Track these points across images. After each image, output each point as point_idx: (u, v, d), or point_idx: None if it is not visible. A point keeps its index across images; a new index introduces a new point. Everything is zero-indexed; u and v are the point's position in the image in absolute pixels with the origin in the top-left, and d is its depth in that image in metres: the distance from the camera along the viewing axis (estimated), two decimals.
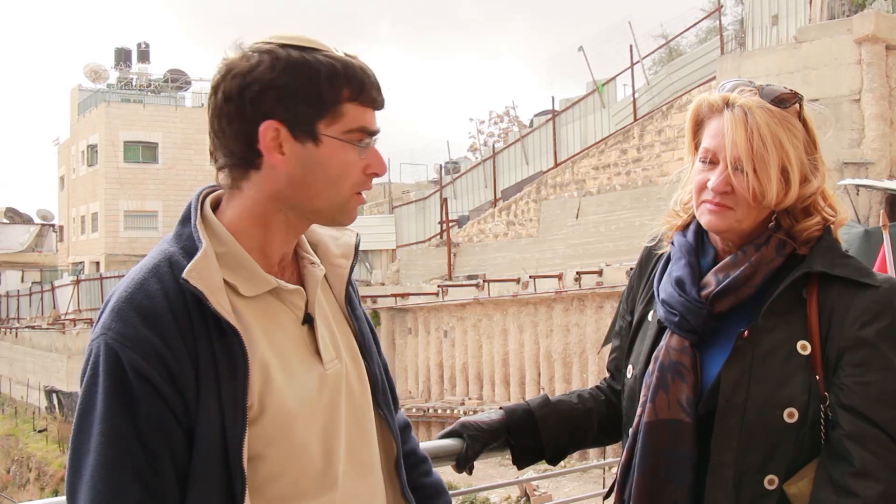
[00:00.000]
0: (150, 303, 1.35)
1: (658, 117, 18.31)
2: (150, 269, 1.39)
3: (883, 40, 13.24)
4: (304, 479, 1.45)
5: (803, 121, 1.72)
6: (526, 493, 12.31)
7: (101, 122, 40.37)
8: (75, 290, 34.25)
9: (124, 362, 1.31)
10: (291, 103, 1.38)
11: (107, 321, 1.34)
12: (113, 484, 1.30)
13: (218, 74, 1.40)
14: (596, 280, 15.55)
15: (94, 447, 1.31)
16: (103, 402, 1.31)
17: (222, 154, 1.43)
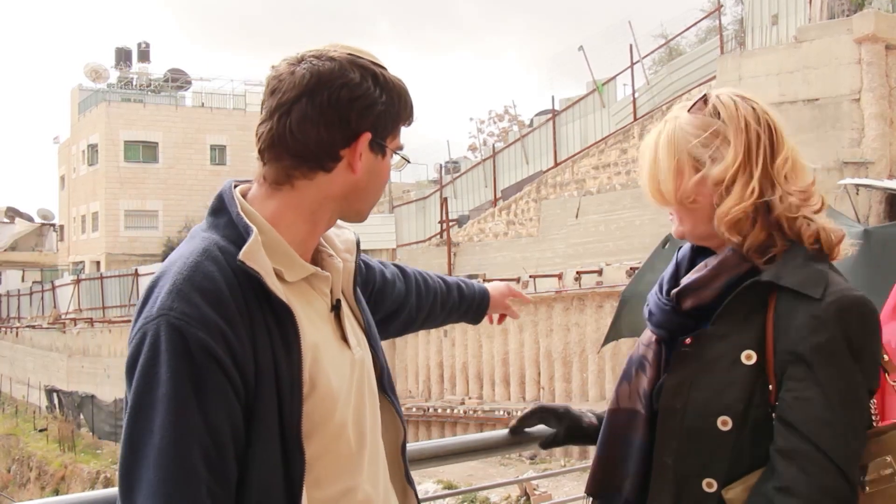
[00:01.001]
0: (210, 284, 1.38)
1: (658, 117, 18.27)
2: (202, 252, 1.42)
3: (883, 40, 13.25)
4: (340, 459, 1.51)
5: (719, 116, 1.72)
6: (526, 492, 12.32)
7: (102, 122, 40.37)
8: (76, 289, 34.26)
9: (190, 341, 1.33)
10: (383, 120, 1.51)
11: (166, 302, 1.35)
12: (182, 463, 1.30)
13: (310, 79, 1.45)
14: (596, 279, 15.56)
15: (160, 427, 1.31)
16: (169, 382, 1.32)
17: (291, 153, 1.47)
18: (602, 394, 14.92)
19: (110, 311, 31.31)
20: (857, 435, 1.56)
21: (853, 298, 1.58)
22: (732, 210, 1.68)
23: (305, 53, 1.50)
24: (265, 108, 1.51)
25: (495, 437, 2.56)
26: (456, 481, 12.55)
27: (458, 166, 29.19)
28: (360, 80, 1.47)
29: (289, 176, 1.48)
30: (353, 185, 1.51)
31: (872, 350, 1.60)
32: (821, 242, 1.65)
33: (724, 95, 1.74)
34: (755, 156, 1.69)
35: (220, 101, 43.27)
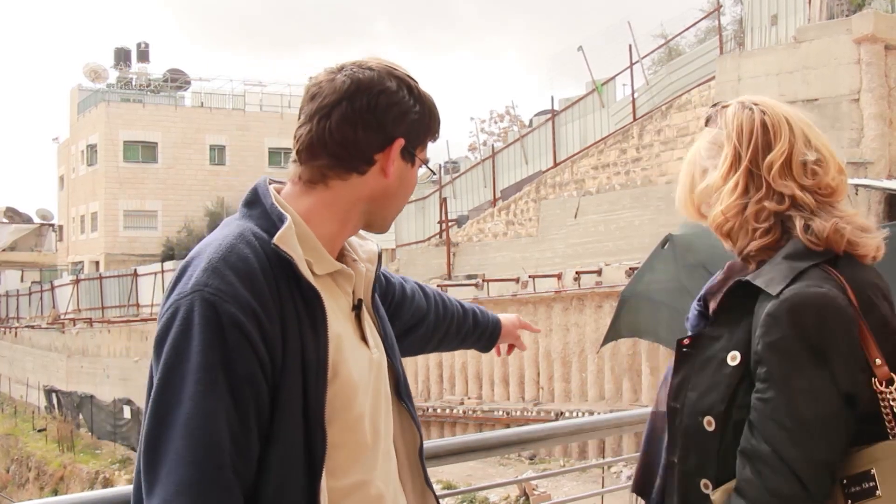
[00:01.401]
0: (244, 264, 1.43)
1: (657, 117, 18.32)
2: (236, 236, 1.48)
3: (882, 40, 13.26)
4: (356, 451, 1.56)
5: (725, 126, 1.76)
6: (525, 492, 12.32)
7: (101, 122, 40.35)
8: (75, 289, 34.26)
9: (223, 315, 1.37)
10: (416, 129, 1.60)
11: (201, 278, 1.40)
12: (210, 431, 1.33)
13: (350, 85, 1.54)
14: (595, 280, 15.56)
15: (190, 397, 1.34)
16: (200, 354, 1.36)
17: (328, 153, 1.54)
18: (601, 394, 14.92)
19: (109, 312, 31.31)
20: (819, 440, 1.52)
21: (808, 295, 1.55)
22: (716, 215, 1.71)
23: (345, 63, 1.59)
24: (304, 112, 1.57)
25: (494, 436, 2.57)
26: (455, 481, 12.54)
27: (457, 166, 29.19)
28: (396, 89, 1.57)
29: (323, 175, 1.56)
30: (383, 190, 1.59)
31: (842, 351, 1.53)
32: (818, 237, 1.61)
33: (730, 103, 1.78)
34: (743, 157, 1.70)
35: (220, 101, 43.27)
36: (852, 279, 1.58)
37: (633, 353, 14.29)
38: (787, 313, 1.54)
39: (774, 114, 1.72)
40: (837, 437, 1.53)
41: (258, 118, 42.78)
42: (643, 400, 14.01)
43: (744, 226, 1.69)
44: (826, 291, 1.55)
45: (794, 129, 1.70)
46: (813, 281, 1.56)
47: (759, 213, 1.67)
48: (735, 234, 1.71)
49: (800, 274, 1.58)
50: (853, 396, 1.54)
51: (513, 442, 2.60)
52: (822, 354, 1.52)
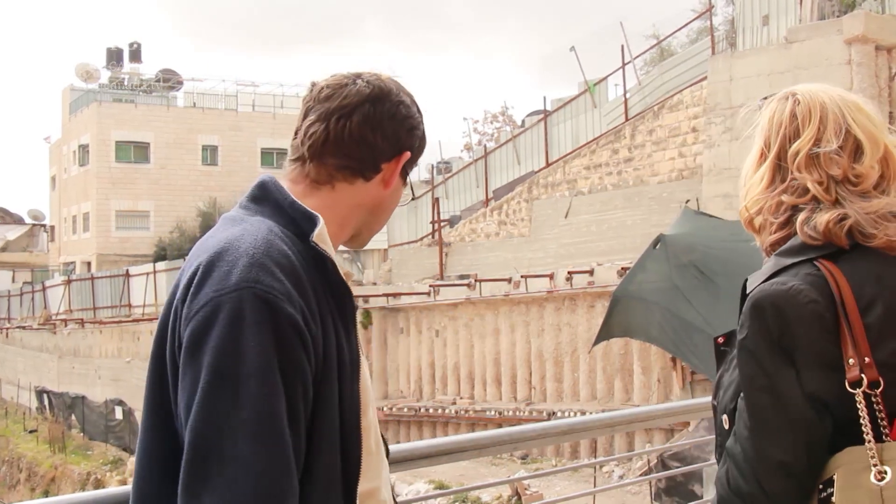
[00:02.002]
0: (287, 261, 1.39)
1: (649, 117, 18.35)
2: (268, 231, 1.43)
3: (872, 40, 13.30)
4: (367, 457, 1.52)
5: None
6: (517, 492, 12.33)
7: (93, 122, 40.25)
8: (66, 290, 34.16)
9: (279, 314, 1.32)
10: (417, 146, 1.63)
11: (248, 274, 1.33)
12: (278, 439, 1.28)
13: (373, 90, 1.56)
14: (587, 279, 15.58)
15: (253, 400, 1.27)
16: (258, 354, 1.29)
17: (343, 153, 1.55)
18: (593, 393, 14.95)
19: (101, 312, 31.23)
20: (778, 440, 1.49)
21: (768, 292, 1.51)
22: (741, 210, 1.70)
23: (359, 73, 1.59)
24: (316, 112, 1.55)
25: (486, 436, 2.57)
26: (447, 481, 12.55)
27: (449, 166, 29.20)
28: (409, 104, 1.61)
29: (331, 177, 1.55)
30: (380, 200, 1.61)
31: (803, 349, 1.48)
32: (816, 231, 1.55)
33: (776, 95, 1.73)
34: (770, 149, 1.67)
35: (212, 101, 43.18)
36: (853, 274, 1.51)
37: (624, 352, 14.31)
38: (749, 311, 1.52)
39: (809, 101, 1.65)
40: (799, 438, 1.48)
41: (250, 118, 42.72)
42: (635, 399, 14.04)
43: (766, 219, 1.65)
44: (789, 287, 1.50)
45: (826, 117, 1.62)
46: (784, 277, 1.52)
47: (777, 207, 1.63)
48: (760, 228, 1.67)
49: (783, 269, 1.54)
50: (821, 398, 1.48)
51: (505, 442, 2.61)
52: (786, 353, 1.48)
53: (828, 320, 1.48)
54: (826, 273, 1.51)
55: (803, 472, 1.49)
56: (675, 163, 17.56)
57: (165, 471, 1.36)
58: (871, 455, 1.44)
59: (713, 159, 14.54)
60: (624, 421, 3.16)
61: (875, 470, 1.43)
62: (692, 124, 17.20)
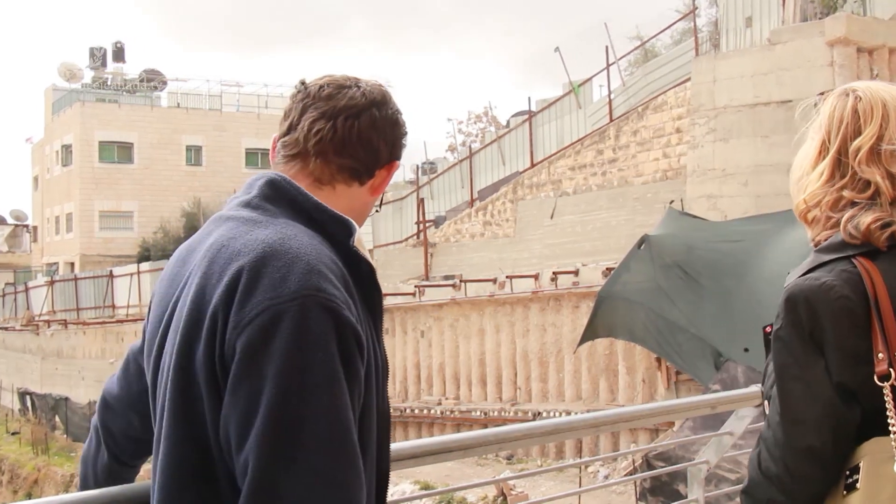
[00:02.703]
0: (337, 268, 1.39)
1: (634, 118, 18.41)
2: (311, 236, 1.40)
3: (854, 42, 13.39)
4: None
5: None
6: (503, 492, 12.35)
7: (76, 122, 40.02)
8: (49, 290, 33.97)
9: (345, 323, 1.31)
10: (400, 155, 1.62)
11: (308, 282, 1.31)
12: (352, 450, 1.28)
13: (377, 94, 1.56)
14: (572, 280, 15.61)
15: (325, 411, 1.26)
16: (327, 364, 1.28)
17: (348, 154, 1.53)
18: (578, 394, 14.98)
19: (85, 313, 31.05)
20: (806, 428, 1.56)
21: (802, 286, 1.57)
22: (798, 203, 1.71)
23: (359, 78, 1.59)
24: (317, 108, 1.53)
25: (472, 437, 2.58)
26: (433, 482, 12.55)
27: (434, 167, 29.21)
28: (399, 114, 1.61)
29: (333, 177, 1.54)
30: (365, 206, 1.60)
31: (831, 341, 1.55)
32: (857, 230, 1.60)
33: (833, 91, 1.75)
34: (831, 144, 1.68)
35: (196, 101, 43.03)
36: (889, 273, 1.56)
37: (609, 352, 14.35)
38: (784, 304, 1.59)
39: (870, 98, 1.67)
40: (826, 425, 1.55)
41: (235, 119, 42.58)
42: (620, 399, 14.08)
43: (822, 214, 1.67)
44: (822, 282, 1.56)
45: (889, 114, 1.65)
46: (819, 273, 1.58)
47: (836, 202, 1.65)
48: (814, 221, 1.70)
49: (820, 265, 1.60)
50: (849, 388, 1.55)
51: (490, 442, 2.61)
52: (817, 345, 1.55)
53: (858, 315, 1.54)
54: (862, 270, 1.57)
55: (829, 457, 1.56)
56: (660, 163, 17.62)
57: (195, 480, 1.34)
58: (895, 446, 1.51)
59: (697, 160, 14.60)
60: (608, 421, 3.17)
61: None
62: (676, 125, 17.27)
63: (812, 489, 1.58)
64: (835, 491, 1.57)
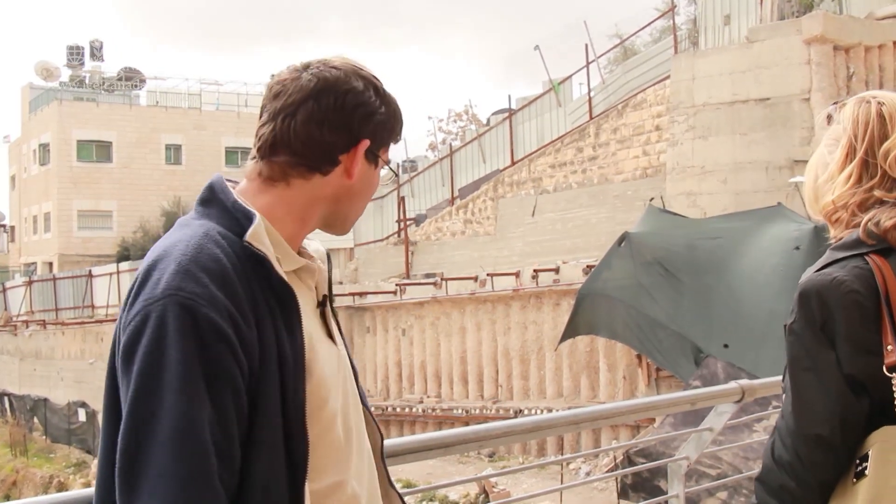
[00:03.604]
0: (217, 265, 1.38)
1: (613, 116, 18.47)
2: (203, 235, 1.43)
3: (831, 41, 13.50)
4: (331, 451, 1.53)
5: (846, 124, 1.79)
6: (484, 489, 12.37)
7: (54, 121, 39.72)
8: (28, 291, 33.72)
9: (201, 320, 1.32)
10: (381, 131, 1.59)
11: (173, 282, 1.35)
12: (195, 445, 1.29)
13: (317, 83, 1.52)
14: (553, 278, 15.65)
15: (171, 409, 1.29)
16: (179, 362, 1.31)
17: (292, 152, 1.52)
18: (559, 391, 15.02)
19: (64, 313, 30.85)
20: (817, 417, 1.62)
21: (815, 281, 1.64)
22: (826, 203, 1.76)
23: (311, 62, 1.56)
24: (267, 111, 1.54)
25: (453, 435, 2.58)
26: (415, 480, 12.54)
27: (415, 165, 29.21)
28: (363, 89, 1.55)
29: (285, 174, 1.53)
30: (346, 190, 1.57)
31: (842, 334, 1.61)
32: (878, 228, 1.66)
33: (850, 100, 1.80)
34: (858, 147, 1.73)
35: (175, 99, 42.80)
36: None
37: (590, 350, 14.40)
38: (798, 298, 1.65)
39: (893, 104, 1.75)
40: (836, 415, 1.61)
41: (214, 117, 42.38)
42: (601, 397, 14.13)
43: (848, 214, 1.73)
44: (833, 278, 1.62)
45: None
46: (832, 269, 1.65)
47: (864, 202, 1.71)
48: (837, 221, 1.75)
49: (833, 262, 1.66)
50: (859, 379, 1.60)
51: (471, 440, 2.62)
52: (828, 338, 1.61)
53: (868, 309, 1.61)
54: (874, 267, 1.63)
55: (839, 446, 1.62)
56: (639, 161, 17.70)
57: None
58: None
59: (676, 157, 14.66)
60: (589, 418, 3.18)
61: None
62: (656, 123, 17.35)
63: (822, 476, 1.64)
64: (845, 478, 1.63)
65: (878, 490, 1.56)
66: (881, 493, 1.56)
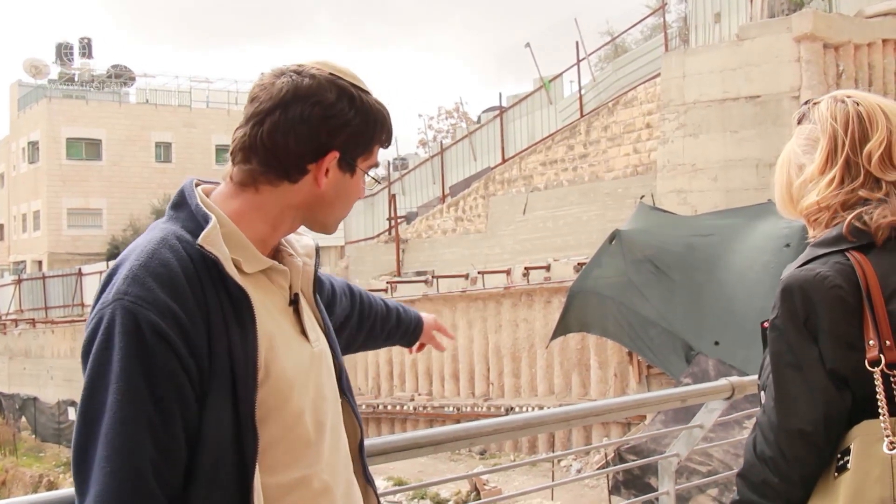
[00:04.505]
0: (165, 269, 1.42)
1: (604, 113, 18.49)
2: (159, 241, 1.46)
3: (821, 39, 13.52)
4: (297, 447, 1.55)
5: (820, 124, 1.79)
6: (476, 487, 12.37)
7: (43, 118, 39.57)
8: (17, 289, 33.59)
9: (142, 323, 1.37)
10: (354, 141, 1.57)
11: (121, 287, 1.40)
12: (128, 439, 1.34)
13: (286, 93, 1.51)
14: (544, 275, 15.67)
15: (110, 405, 1.35)
16: (119, 363, 1.36)
17: (261, 160, 1.53)
18: (550, 388, 15.04)
19: (53, 312, 30.75)
20: (799, 412, 1.63)
21: (797, 277, 1.65)
22: (810, 205, 1.76)
23: (288, 67, 1.56)
24: (244, 114, 1.56)
25: (444, 432, 2.58)
26: (406, 477, 12.55)
27: (406, 163, 29.19)
28: (335, 100, 1.53)
29: (254, 180, 1.54)
30: (317, 198, 1.57)
31: (825, 329, 1.62)
32: (867, 225, 1.67)
33: (821, 99, 1.82)
34: (840, 148, 1.73)
35: (165, 97, 42.67)
36: (881, 265, 1.64)
37: (581, 347, 14.42)
38: (780, 294, 1.66)
39: (868, 104, 1.76)
40: (819, 410, 1.62)
41: (204, 115, 42.27)
42: (592, 394, 14.15)
43: (831, 214, 1.73)
44: (815, 273, 1.64)
45: (889, 116, 1.74)
46: (814, 265, 1.66)
47: (846, 202, 1.71)
48: (817, 222, 1.76)
49: (815, 258, 1.67)
50: (841, 374, 1.62)
51: (462, 437, 2.62)
52: (811, 333, 1.62)
53: (851, 304, 1.62)
54: (855, 263, 1.64)
55: (822, 441, 1.63)
56: (630, 159, 17.71)
57: None
58: (884, 427, 1.59)
59: (667, 155, 14.68)
60: (580, 415, 3.18)
61: (887, 441, 1.58)
62: (646, 120, 17.37)
63: (804, 471, 1.65)
64: (827, 473, 1.64)
65: (860, 483, 1.58)
66: (862, 485, 1.58)
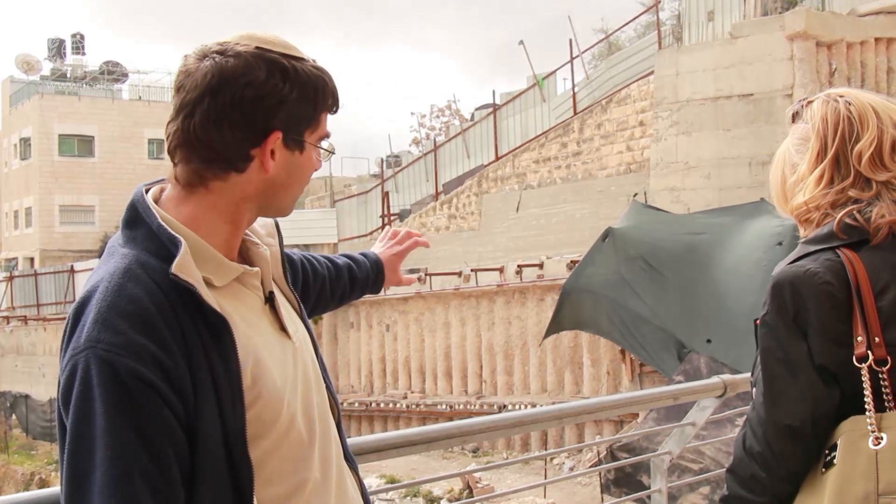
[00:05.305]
0: (135, 307, 1.32)
1: (598, 111, 18.50)
2: (123, 273, 1.35)
3: (813, 37, 13.55)
4: (294, 450, 1.49)
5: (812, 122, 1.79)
6: (468, 485, 12.38)
7: (35, 115, 39.44)
8: (8, 286, 33.47)
9: (121, 371, 1.28)
10: (295, 116, 1.44)
11: (92, 333, 1.30)
12: (125, 495, 1.27)
13: (212, 78, 1.39)
14: (537, 273, 15.67)
15: (101, 462, 1.27)
16: (104, 416, 1.28)
17: (200, 155, 1.41)
18: (543, 386, 15.05)
19: (45, 309, 30.65)
20: (788, 407, 1.64)
21: (787, 273, 1.66)
22: (798, 204, 1.77)
23: (210, 48, 1.43)
24: (173, 105, 1.44)
25: (437, 430, 2.58)
26: (399, 475, 12.56)
27: (399, 160, 29.15)
28: (266, 78, 1.41)
29: (201, 178, 1.43)
30: (269, 183, 1.46)
31: (814, 325, 1.62)
32: (865, 222, 1.67)
33: (815, 98, 1.82)
34: (829, 148, 1.74)
35: (158, 93, 42.50)
36: (871, 262, 1.64)
37: (574, 345, 14.43)
38: (771, 290, 1.67)
39: (860, 104, 1.75)
40: (807, 406, 1.63)
41: None
42: (585, 392, 14.17)
43: (820, 213, 1.74)
44: (805, 270, 1.64)
45: (881, 116, 1.73)
46: (804, 261, 1.66)
47: (836, 202, 1.72)
48: (807, 221, 1.77)
49: (805, 255, 1.68)
50: (830, 370, 1.63)
51: (454, 435, 2.61)
52: (801, 329, 1.63)
53: (840, 301, 1.63)
54: (845, 259, 1.65)
55: (810, 437, 1.65)
56: (623, 156, 17.73)
57: None
58: (869, 423, 1.60)
59: (660, 153, 14.70)
60: (572, 413, 3.18)
61: (873, 436, 1.59)
62: (640, 118, 17.39)
63: (792, 466, 1.66)
64: (814, 468, 1.65)
65: (845, 478, 1.59)
66: (848, 480, 1.58)
